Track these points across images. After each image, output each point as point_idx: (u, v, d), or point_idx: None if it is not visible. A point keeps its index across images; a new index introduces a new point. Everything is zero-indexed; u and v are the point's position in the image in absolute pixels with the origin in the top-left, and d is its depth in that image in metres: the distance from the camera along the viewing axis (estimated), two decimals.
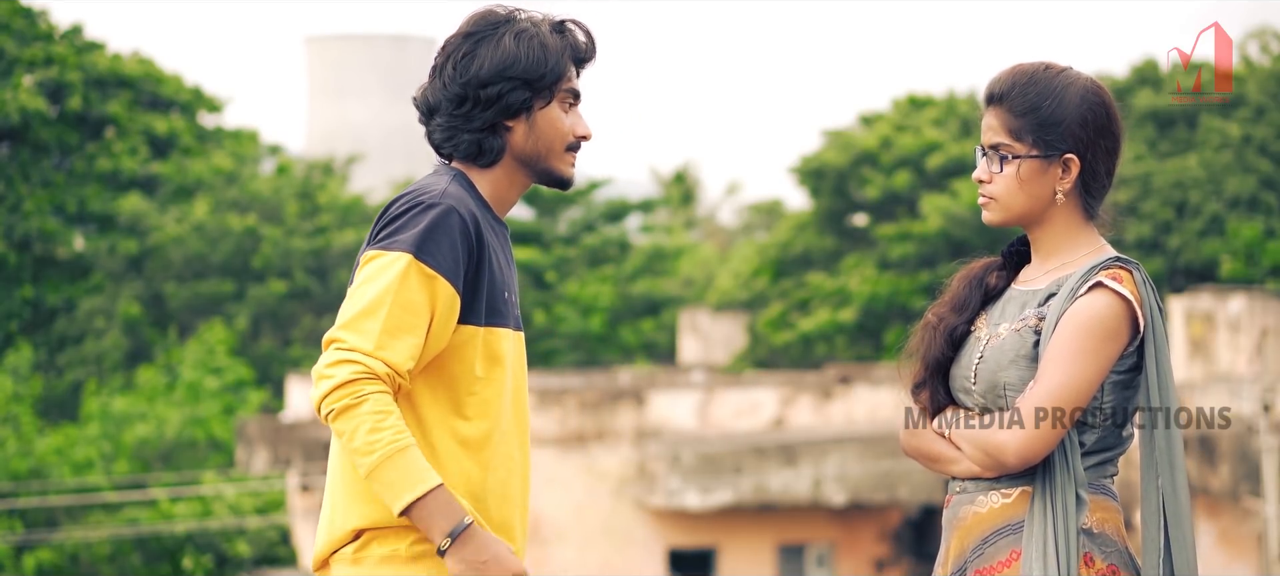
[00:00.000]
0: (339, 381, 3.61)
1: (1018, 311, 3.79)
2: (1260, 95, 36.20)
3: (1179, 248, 35.79)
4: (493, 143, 3.82)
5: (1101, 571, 3.70)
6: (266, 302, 40.15)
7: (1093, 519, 3.71)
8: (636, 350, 44.24)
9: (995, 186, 3.77)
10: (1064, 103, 3.73)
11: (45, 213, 40.09)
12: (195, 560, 29.43)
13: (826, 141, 42.37)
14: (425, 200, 3.73)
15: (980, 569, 3.75)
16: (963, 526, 3.80)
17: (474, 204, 3.79)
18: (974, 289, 3.88)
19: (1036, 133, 3.73)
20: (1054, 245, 3.80)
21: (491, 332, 3.80)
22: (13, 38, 40.06)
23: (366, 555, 3.77)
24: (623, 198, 47.62)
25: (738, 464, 25.01)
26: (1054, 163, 3.74)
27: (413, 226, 3.70)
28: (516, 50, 3.79)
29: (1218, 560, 22.37)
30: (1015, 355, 3.74)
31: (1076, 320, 3.68)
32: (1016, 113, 3.74)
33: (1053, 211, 3.78)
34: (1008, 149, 3.75)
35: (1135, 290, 3.71)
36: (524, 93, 3.80)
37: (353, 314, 3.67)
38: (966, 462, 3.76)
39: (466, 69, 3.80)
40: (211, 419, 33.43)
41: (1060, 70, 3.78)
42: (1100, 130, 3.75)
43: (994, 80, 3.80)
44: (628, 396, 26.16)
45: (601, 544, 25.65)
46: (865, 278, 38.24)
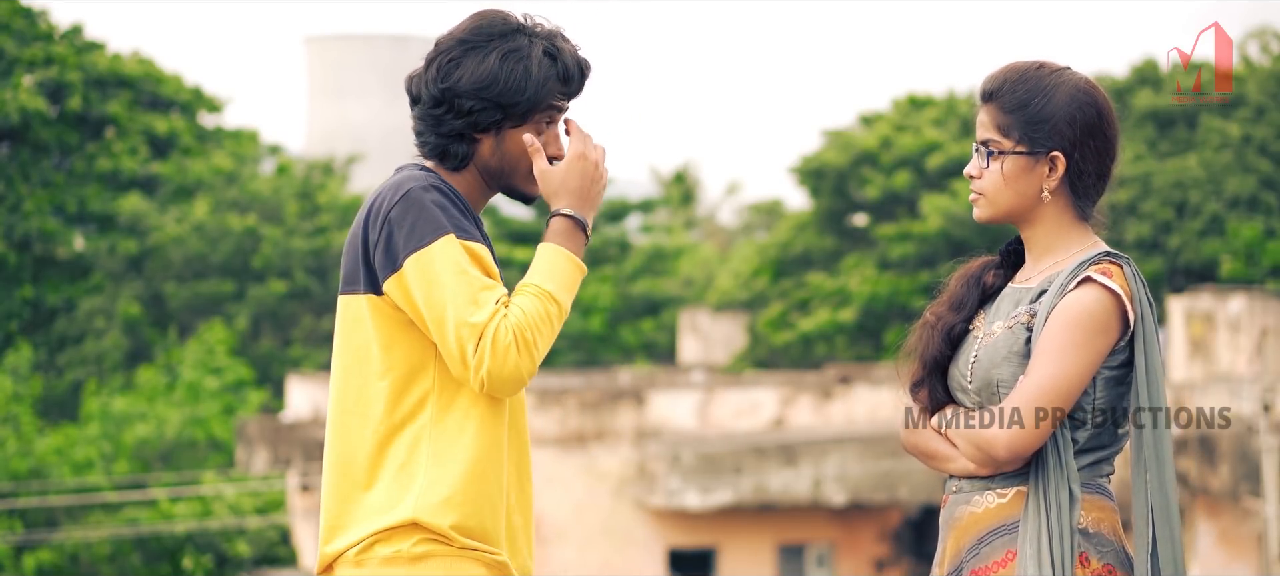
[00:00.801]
0: (502, 345, 3.69)
1: (1011, 309, 3.80)
2: (1260, 95, 36.20)
3: (1179, 248, 35.79)
4: (458, 149, 3.84)
5: (1097, 571, 3.70)
6: (266, 302, 40.15)
7: (1088, 518, 3.71)
8: (636, 350, 44.24)
9: (984, 182, 3.80)
10: (1053, 100, 3.75)
11: (45, 213, 40.09)
12: (195, 560, 29.43)
13: (826, 141, 42.38)
14: (411, 192, 3.76)
15: (976, 569, 3.76)
16: (959, 526, 3.81)
17: (441, 183, 3.83)
18: (971, 287, 3.90)
19: (1023, 129, 3.75)
20: (1046, 244, 3.81)
21: None
22: (13, 38, 40.06)
23: (370, 556, 3.76)
24: (623, 198, 47.60)
25: (738, 464, 25.01)
26: (1040, 160, 3.76)
27: (426, 213, 3.74)
28: (497, 71, 3.80)
29: (1218, 560, 22.37)
30: (1008, 352, 3.75)
31: (1066, 315, 3.69)
32: (1006, 109, 3.77)
33: (1041, 210, 3.79)
34: (996, 145, 3.78)
35: (1125, 285, 3.72)
36: (495, 113, 3.82)
37: (457, 306, 3.70)
38: (962, 460, 3.77)
39: (448, 75, 3.81)
40: (211, 419, 33.43)
41: (1054, 69, 3.80)
42: (1089, 130, 3.76)
43: (989, 77, 3.82)
44: (628, 396, 26.16)
45: (601, 544, 25.65)
46: (865, 277, 38.25)
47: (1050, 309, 3.71)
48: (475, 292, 3.69)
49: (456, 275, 3.69)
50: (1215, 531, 22.45)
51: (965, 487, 3.81)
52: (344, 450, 3.82)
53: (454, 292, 3.69)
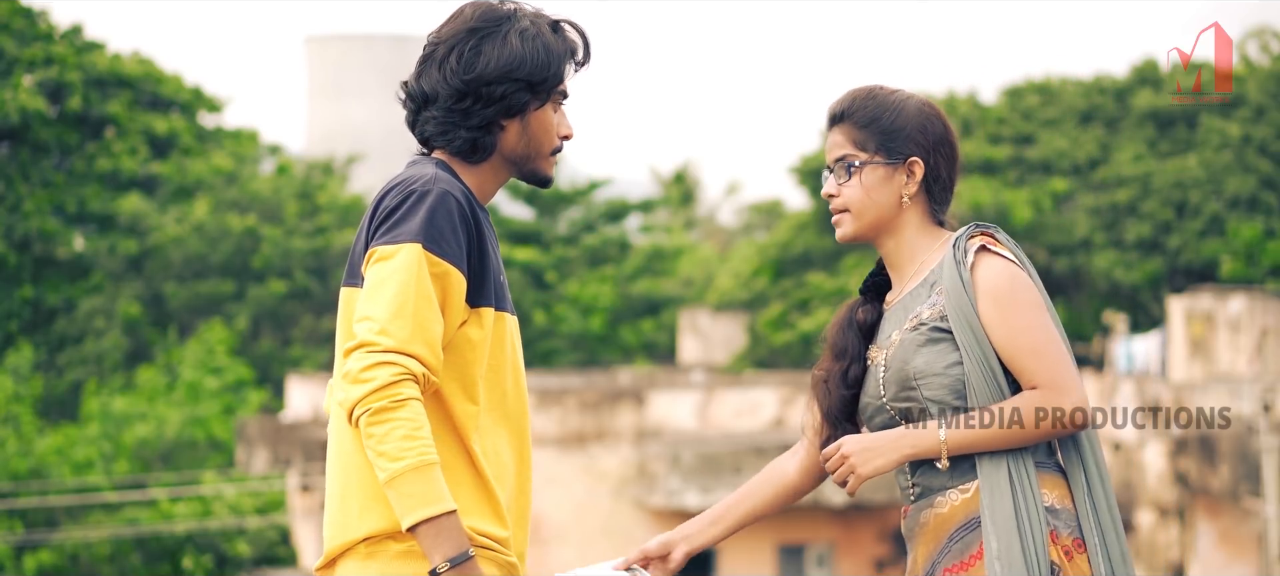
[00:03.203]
0: (379, 384, 3.57)
1: (903, 319, 3.86)
2: (1260, 95, 36.21)
3: (1179, 248, 35.79)
4: (486, 140, 3.80)
5: (1067, 546, 3.72)
6: (266, 303, 40.16)
7: (1051, 495, 3.74)
8: (636, 350, 44.24)
9: (845, 198, 3.89)
10: (903, 113, 3.89)
11: (45, 213, 40.10)
12: (195, 560, 29.43)
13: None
14: (418, 188, 3.70)
15: (949, 566, 3.76)
16: (926, 531, 3.82)
17: (461, 188, 3.77)
18: (847, 331, 3.97)
19: (880, 140, 3.88)
20: (909, 252, 3.90)
21: (500, 316, 3.81)
22: (13, 38, 40.07)
23: (381, 550, 3.74)
24: (623, 198, 47.62)
25: (738, 464, 25.02)
26: (899, 167, 3.87)
27: (413, 215, 3.67)
28: (522, 50, 3.77)
29: (1218, 560, 22.37)
30: (916, 346, 3.79)
31: (1001, 290, 3.76)
32: (860, 125, 3.89)
33: (901, 218, 3.89)
34: (853, 158, 3.88)
35: (1008, 249, 3.83)
36: (525, 94, 3.78)
37: (379, 313, 3.63)
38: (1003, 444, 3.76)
39: (471, 65, 3.76)
40: (211, 419, 33.45)
41: (895, 89, 3.97)
42: (939, 138, 3.92)
43: (834, 103, 3.95)
44: (628, 396, 26.17)
45: (601, 544, 25.65)
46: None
47: (963, 289, 3.76)
48: (405, 323, 3.62)
49: (400, 289, 3.63)
50: (1215, 531, 22.45)
51: (925, 494, 3.81)
52: (346, 443, 3.80)
53: (384, 303, 3.63)
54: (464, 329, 3.74)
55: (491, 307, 3.77)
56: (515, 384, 3.86)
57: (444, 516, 3.58)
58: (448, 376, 3.74)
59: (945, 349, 3.76)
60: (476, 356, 3.75)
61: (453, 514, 3.60)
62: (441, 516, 3.58)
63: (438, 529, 3.58)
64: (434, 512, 3.58)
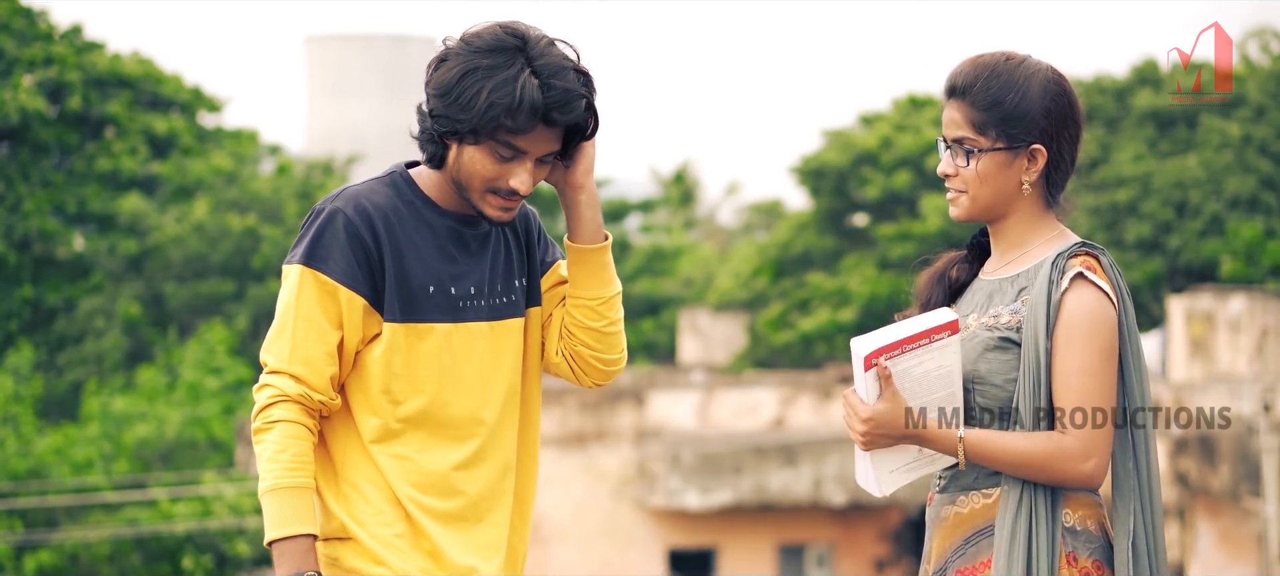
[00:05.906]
0: (258, 406, 3.79)
1: (985, 302, 3.79)
2: (1260, 95, 36.20)
3: (1179, 248, 35.79)
4: (430, 148, 3.86)
5: (1085, 569, 3.69)
6: (266, 303, 40.15)
7: (1074, 515, 3.71)
8: (636, 350, 44.23)
9: (962, 180, 3.76)
10: (1028, 95, 3.71)
11: (45, 213, 40.09)
12: (195, 560, 29.41)
13: (826, 141, 42.38)
14: (317, 209, 3.84)
15: (961, 569, 3.75)
16: (944, 525, 3.81)
17: (389, 201, 3.85)
18: (937, 285, 3.89)
19: (1001, 126, 3.72)
20: (1018, 236, 3.79)
21: (412, 329, 3.83)
22: (13, 38, 40.06)
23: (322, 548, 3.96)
24: (623, 198, 47.62)
25: (738, 464, 25.01)
26: (1020, 154, 3.73)
27: (304, 237, 3.83)
28: (453, 85, 3.75)
29: (1218, 560, 22.37)
30: (984, 349, 3.74)
31: (1078, 325, 3.67)
32: (980, 106, 3.72)
33: (1018, 203, 3.77)
34: (973, 143, 3.74)
35: (1109, 280, 3.71)
36: (447, 124, 3.79)
37: (268, 336, 3.82)
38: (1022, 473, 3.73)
39: (429, 79, 3.83)
40: (211, 419, 33.42)
41: (1021, 60, 3.75)
42: (1064, 120, 3.74)
43: (954, 72, 3.77)
44: (628, 396, 26.16)
45: (601, 544, 25.65)
46: (865, 278, 38.25)
47: (1047, 310, 3.68)
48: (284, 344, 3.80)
49: (283, 311, 3.81)
50: (1215, 531, 22.44)
51: (950, 487, 3.81)
52: None
53: (274, 325, 3.83)
54: (370, 344, 3.83)
55: (398, 321, 3.81)
56: (458, 391, 3.88)
57: (292, 539, 3.73)
58: (354, 389, 3.85)
59: (1010, 361, 3.71)
60: (379, 369, 3.82)
61: (303, 537, 3.73)
62: (290, 538, 3.73)
63: (280, 551, 3.75)
64: (284, 533, 3.73)
